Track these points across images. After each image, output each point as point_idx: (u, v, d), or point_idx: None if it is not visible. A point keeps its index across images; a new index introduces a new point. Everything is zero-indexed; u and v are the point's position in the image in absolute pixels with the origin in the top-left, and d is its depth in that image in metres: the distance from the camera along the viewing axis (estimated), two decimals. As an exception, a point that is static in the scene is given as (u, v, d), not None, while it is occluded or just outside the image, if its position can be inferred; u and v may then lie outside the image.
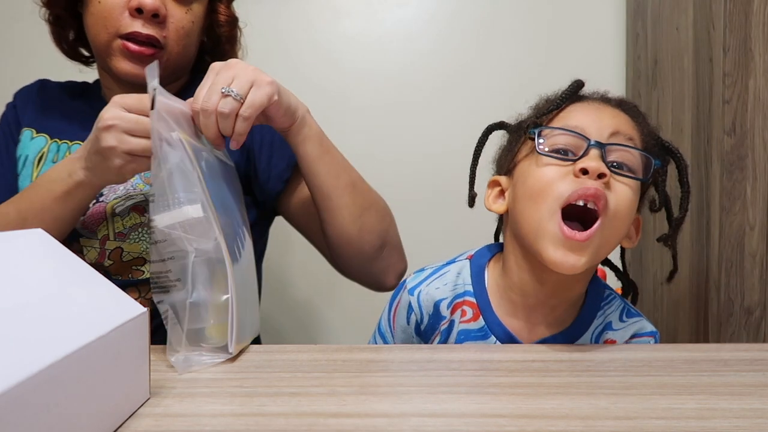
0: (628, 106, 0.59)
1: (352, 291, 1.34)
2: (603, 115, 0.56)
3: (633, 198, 0.55)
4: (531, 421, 0.39)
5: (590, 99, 0.60)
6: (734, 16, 0.83)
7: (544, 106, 0.60)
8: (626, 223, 0.55)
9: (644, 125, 0.59)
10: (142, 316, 0.43)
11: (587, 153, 0.53)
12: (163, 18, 0.74)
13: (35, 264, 0.40)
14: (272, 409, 0.42)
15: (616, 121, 0.56)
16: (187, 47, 0.79)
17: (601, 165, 0.52)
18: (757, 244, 0.84)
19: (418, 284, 0.65)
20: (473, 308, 0.62)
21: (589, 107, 0.58)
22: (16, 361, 0.30)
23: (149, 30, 0.73)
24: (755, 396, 0.43)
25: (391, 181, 1.32)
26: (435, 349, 0.57)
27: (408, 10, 1.31)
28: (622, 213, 0.53)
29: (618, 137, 0.55)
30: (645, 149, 0.57)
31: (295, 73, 1.31)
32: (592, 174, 0.51)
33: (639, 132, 0.57)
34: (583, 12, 1.29)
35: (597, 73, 1.29)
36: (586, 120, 0.56)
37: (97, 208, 0.74)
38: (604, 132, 0.55)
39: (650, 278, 1.13)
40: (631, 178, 0.54)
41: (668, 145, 0.60)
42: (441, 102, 1.31)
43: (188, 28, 0.78)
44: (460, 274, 0.64)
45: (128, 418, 0.40)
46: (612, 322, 0.62)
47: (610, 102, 0.59)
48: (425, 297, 0.63)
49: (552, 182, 0.53)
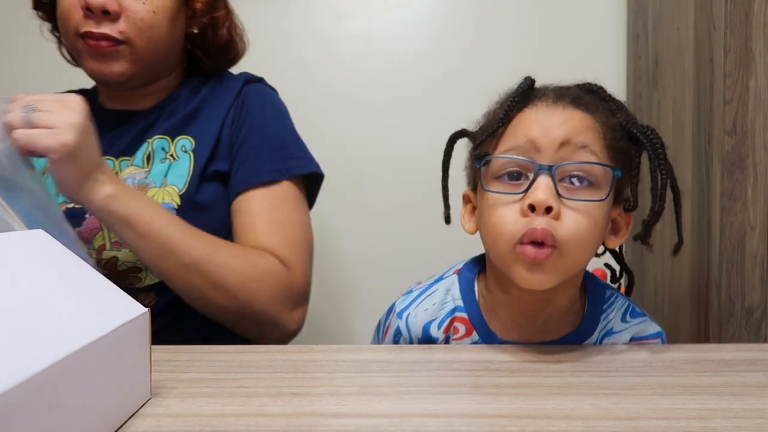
0: (583, 100, 0.54)
1: (352, 291, 1.34)
2: (552, 121, 0.52)
3: (591, 219, 0.51)
4: (532, 421, 0.39)
5: (540, 101, 0.55)
6: (735, 17, 0.83)
7: (487, 125, 0.56)
8: (591, 242, 0.52)
9: (606, 116, 0.54)
10: (143, 316, 0.43)
11: (536, 179, 0.50)
12: (117, 14, 0.72)
13: (36, 264, 0.40)
14: (273, 410, 0.42)
15: (567, 128, 0.52)
16: (154, 40, 0.76)
17: (548, 198, 0.49)
18: (758, 244, 0.84)
19: (406, 307, 0.63)
20: (465, 324, 0.60)
21: (538, 114, 0.53)
22: (18, 361, 0.30)
23: (102, 28, 0.72)
24: (756, 396, 0.43)
25: (393, 179, 1.33)
26: (436, 349, 0.57)
27: (409, 9, 1.31)
28: (580, 238, 0.51)
29: (569, 148, 0.51)
30: (609, 145, 0.53)
31: (297, 72, 1.31)
32: (539, 210, 0.49)
33: (599, 130, 0.53)
34: (584, 12, 1.29)
35: (597, 73, 1.28)
36: (535, 130, 0.52)
37: (92, 219, 0.73)
38: (554, 143, 0.51)
39: (651, 279, 1.12)
40: (586, 201, 0.51)
41: (636, 133, 0.54)
42: (441, 101, 1.31)
43: (149, 19, 0.74)
44: (449, 291, 0.62)
45: (129, 418, 0.40)
46: (613, 327, 0.60)
47: (563, 99, 0.54)
48: (413, 320, 0.62)
49: (503, 223, 0.51)
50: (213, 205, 0.78)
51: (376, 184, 1.32)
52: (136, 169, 0.78)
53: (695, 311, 0.93)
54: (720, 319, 0.86)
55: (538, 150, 0.51)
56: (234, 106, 0.83)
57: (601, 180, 0.52)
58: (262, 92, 0.87)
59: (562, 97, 0.54)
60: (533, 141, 0.52)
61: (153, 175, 0.77)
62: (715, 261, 0.87)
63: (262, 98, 0.86)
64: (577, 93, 0.55)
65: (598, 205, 0.52)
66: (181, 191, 0.76)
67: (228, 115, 0.82)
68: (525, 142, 0.52)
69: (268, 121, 0.83)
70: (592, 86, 0.57)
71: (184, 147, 0.79)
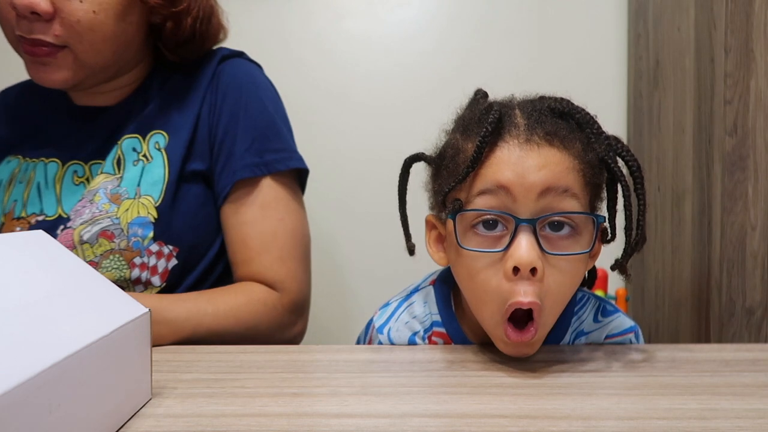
0: (559, 134, 0.49)
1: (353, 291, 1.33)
2: (529, 165, 0.47)
3: (574, 272, 0.49)
4: (533, 421, 0.39)
5: (510, 137, 0.49)
6: (735, 17, 0.83)
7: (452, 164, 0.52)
8: (572, 290, 0.51)
9: (584, 150, 0.49)
10: (144, 316, 0.43)
11: (517, 235, 0.46)
12: (49, 14, 0.63)
13: (37, 265, 0.40)
14: (274, 410, 0.42)
15: (546, 173, 0.47)
16: (96, 43, 0.67)
17: (533, 258, 0.45)
18: (759, 244, 0.84)
19: (386, 322, 0.61)
20: (443, 338, 0.59)
21: (511, 155, 0.48)
22: (18, 361, 0.30)
23: (35, 33, 0.64)
24: (757, 396, 0.43)
25: (392, 180, 1.33)
26: (436, 349, 0.57)
27: (409, 10, 1.31)
28: (565, 297, 0.50)
29: (549, 195, 0.47)
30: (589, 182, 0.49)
31: (297, 72, 1.31)
32: (523, 271, 0.46)
33: (578, 169, 0.49)
34: (585, 13, 1.29)
35: (598, 73, 1.29)
36: (510, 176, 0.47)
37: (64, 235, 0.69)
38: (533, 191, 0.47)
39: (652, 279, 1.12)
40: (571, 255, 0.48)
41: (612, 168, 0.50)
42: (442, 102, 1.30)
43: (88, 20, 0.65)
44: (427, 303, 0.61)
45: (130, 418, 0.40)
46: (584, 328, 0.59)
47: (536, 132, 0.48)
48: (396, 334, 0.60)
49: (486, 289, 0.48)
50: (193, 212, 0.73)
51: (377, 186, 1.31)
52: (107, 176, 0.72)
53: (696, 311, 0.93)
54: (721, 319, 0.86)
55: (514, 199, 0.47)
56: (209, 90, 0.76)
57: (582, 225, 0.48)
58: (240, 70, 0.78)
59: (534, 129, 0.48)
60: (507, 188, 0.47)
61: (125, 181, 0.71)
62: (716, 261, 0.87)
63: (239, 79, 0.77)
64: (551, 122, 0.49)
65: (580, 257, 0.49)
66: (157, 202, 0.70)
67: (204, 102, 0.75)
68: (498, 188, 0.47)
69: (245, 107, 0.75)
70: (563, 106, 0.51)
71: (158, 143, 0.73)
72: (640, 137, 1.19)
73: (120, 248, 0.68)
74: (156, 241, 0.70)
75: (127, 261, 0.68)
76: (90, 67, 0.69)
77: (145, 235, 0.69)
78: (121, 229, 0.68)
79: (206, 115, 0.75)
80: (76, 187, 0.74)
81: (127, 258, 0.68)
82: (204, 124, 0.75)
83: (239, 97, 0.76)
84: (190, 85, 0.77)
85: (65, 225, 0.70)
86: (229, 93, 0.76)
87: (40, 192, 0.74)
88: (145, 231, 0.69)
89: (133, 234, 0.69)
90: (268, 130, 0.76)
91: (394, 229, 0.62)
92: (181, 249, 0.72)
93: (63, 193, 0.74)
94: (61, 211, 0.72)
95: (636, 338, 0.60)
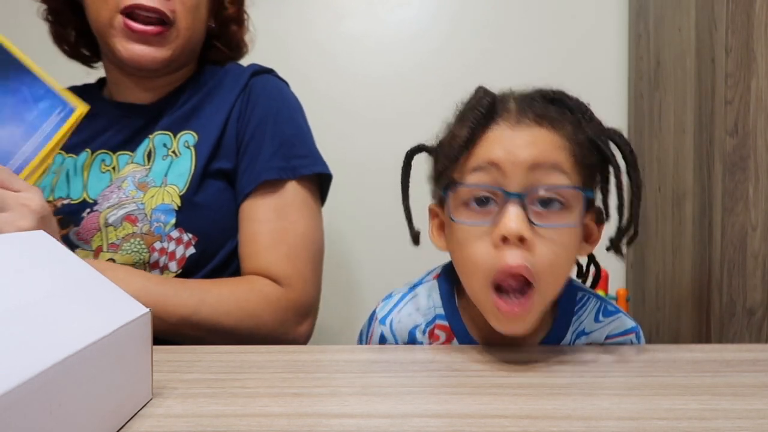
0: (548, 116, 0.51)
1: (354, 291, 1.34)
2: (518, 143, 0.49)
3: (565, 245, 0.50)
4: (533, 421, 0.39)
5: (502, 120, 0.51)
6: (736, 17, 0.83)
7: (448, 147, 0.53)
8: (566, 269, 0.52)
9: (574, 131, 0.51)
10: (145, 316, 0.43)
11: (506, 207, 0.48)
12: None
13: (37, 265, 0.40)
14: (274, 410, 0.42)
15: (535, 149, 0.49)
16: (195, 23, 0.75)
17: (521, 227, 0.47)
18: (759, 244, 0.84)
19: (388, 313, 0.61)
20: (446, 331, 0.60)
21: (502, 134, 0.50)
22: (19, 362, 0.30)
23: (155, 2, 0.69)
24: (758, 396, 0.43)
25: (393, 183, 1.32)
26: (437, 349, 0.57)
27: (409, 11, 1.32)
28: (556, 269, 0.50)
29: (538, 171, 0.49)
30: (579, 162, 0.50)
31: (296, 74, 1.30)
32: (512, 240, 0.47)
33: (568, 147, 0.50)
34: (586, 13, 1.29)
35: (599, 74, 1.29)
36: (500, 154, 0.49)
37: (90, 218, 0.72)
38: (521, 167, 0.48)
39: (652, 279, 1.12)
40: (559, 227, 0.49)
41: (603, 147, 0.52)
42: (443, 103, 1.30)
43: (196, 1, 0.74)
44: (431, 296, 0.61)
45: (130, 418, 0.40)
46: (585, 328, 0.59)
47: (526, 115, 0.50)
48: (398, 326, 0.60)
49: (475, 259, 0.50)
50: (215, 205, 0.76)
51: (377, 187, 1.32)
52: (136, 166, 0.76)
53: (696, 311, 0.93)
54: (721, 320, 0.86)
55: (505, 174, 0.49)
56: (240, 99, 0.80)
57: (572, 201, 0.49)
58: (269, 85, 0.84)
59: (525, 113, 0.51)
60: (498, 164, 0.49)
61: (153, 173, 0.75)
62: (717, 261, 0.87)
63: (269, 91, 0.82)
64: (541, 106, 0.51)
65: (571, 230, 0.50)
66: (182, 191, 0.74)
67: (233, 108, 0.79)
68: (489, 165, 0.49)
69: (274, 116, 0.80)
70: (555, 94, 0.53)
71: (187, 142, 0.77)
72: (641, 137, 1.19)
73: (142, 232, 0.71)
74: (177, 228, 0.73)
75: (148, 245, 0.71)
76: (183, 48, 0.75)
77: (167, 221, 0.72)
78: (145, 214, 0.72)
79: (235, 120, 0.79)
80: (102, 174, 0.78)
81: (148, 242, 0.71)
82: (232, 127, 0.79)
83: (269, 107, 0.80)
84: (221, 94, 0.81)
85: (92, 208, 0.73)
86: (259, 103, 0.80)
87: (68, 178, 0.78)
88: (168, 217, 0.72)
89: (156, 219, 0.72)
90: (295, 138, 0.80)
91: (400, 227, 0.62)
92: (200, 239, 0.74)
93: (90, 179, 0.77)
94: (86, 196, 0.76)
95: (637, 338, 0.60)
